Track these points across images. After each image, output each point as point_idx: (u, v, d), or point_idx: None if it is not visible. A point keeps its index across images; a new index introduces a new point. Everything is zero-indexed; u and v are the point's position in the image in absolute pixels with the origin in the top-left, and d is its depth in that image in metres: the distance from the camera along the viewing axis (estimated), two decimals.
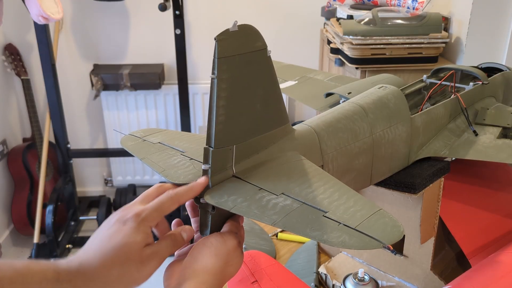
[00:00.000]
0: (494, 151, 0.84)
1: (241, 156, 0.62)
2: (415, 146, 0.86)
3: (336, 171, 0.72)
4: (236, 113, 0.60)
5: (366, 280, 0.87)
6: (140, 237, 0.56)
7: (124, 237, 0.56)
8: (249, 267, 0.90)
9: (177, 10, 2.35)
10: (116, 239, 0.56)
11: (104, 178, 3.01)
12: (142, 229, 0.57)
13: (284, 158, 0.65)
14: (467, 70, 1.06)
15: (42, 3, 1.83)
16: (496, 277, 0.75)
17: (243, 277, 0.87)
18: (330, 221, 0.53)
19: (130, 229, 0.56)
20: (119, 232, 0.56)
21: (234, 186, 0.61)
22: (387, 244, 0.49)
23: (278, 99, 0.65)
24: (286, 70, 1.29)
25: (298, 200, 0.57)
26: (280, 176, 0.62)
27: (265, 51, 0.61)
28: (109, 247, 0.56)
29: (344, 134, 0.73)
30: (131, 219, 0.57)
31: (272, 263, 0.95)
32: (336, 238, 0.51)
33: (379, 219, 0.53)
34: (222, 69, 0.57)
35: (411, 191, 0.81)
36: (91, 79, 2.59)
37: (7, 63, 2.61)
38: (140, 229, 0.57)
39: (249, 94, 0.61)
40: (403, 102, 0.83)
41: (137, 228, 0.56)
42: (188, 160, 0.68)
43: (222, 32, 0.56)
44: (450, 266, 0.98)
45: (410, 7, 1.90)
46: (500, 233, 0.93)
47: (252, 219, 0.59)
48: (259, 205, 0.57)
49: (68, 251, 2.61)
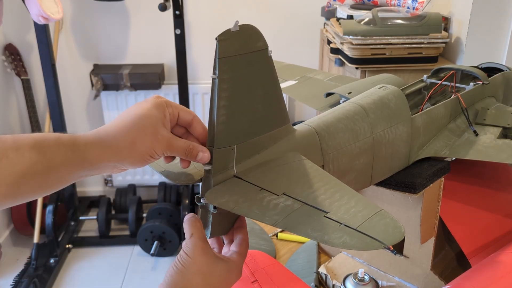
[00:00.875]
0: (495, 151, 0.84)
1: (242, 156, 0.62)
2: (415, 146, 0.86)
3: (337, 171, 0.72)
4: (237, 113, 0.60)
5: (366, 280, 0.87)
6: (158, 112, 0.59)
7: (143, 110, 0.58)
8: (249, 266, 0.90)
9: (177, 10, 2.35)
10: (135, 111, 0.59)
11: (104, 178, 3.01)
12: (161, 108, 0.59)
13: (285, 159, 0.65)
14: (467, 70, 1.06)
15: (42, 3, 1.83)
16: (496, 277, 0.75)
17: (243, 276, 0.87)
18: (331, 222, 0.53)
19: (149, 104, 0.59)
20: (138, 106, 0.59)
21: (235, 186, 0.61)
22: (388, 245, 0.50)
23: (279, 99, 0.65)
24: (286, 70, 1.29)
25: (299, 200, 0.57)
26: (281, 176, 0.62)
27: (266, 51, 0.61)
28: (127, 117, 0.58)
29: (344, 134, 0.73)
30: (151, 98, 0.61)
31: (272, 263, 0.95)
32: (337, 239, 0.51)
33: (380, 220, 0.53)
34: (223, 69, 0.57)
35: (412, 191, 0.81)
36: (91, 79, 2.59)
37: (7, 63, 2.61)
38: (159, 107, 0.59)
39: (250, 94, 0.61)
40: (403, 102, 0.83)
41: (156, 105, 0.59)
42: None
43: (223, 32, 0.56)
44: (450, 266, 0.98)
45: (410, 7, 1.90)
46: (500, 233, 0.93)
47: (253, 219, 0.59)
48: (260, 206, 0.57)
49: (68, 251, 2.61)
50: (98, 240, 2.67)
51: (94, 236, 2.73)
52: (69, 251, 2.62)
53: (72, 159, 0.55)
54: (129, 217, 2.67)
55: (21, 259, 2.56)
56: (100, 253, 2.61)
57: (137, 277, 2.44)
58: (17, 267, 2.46)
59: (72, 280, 2.43)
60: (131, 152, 0.57)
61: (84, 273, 2.48)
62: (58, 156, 0.54)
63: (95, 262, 2.55)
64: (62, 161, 0.54)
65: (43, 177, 0.53)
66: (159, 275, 2.44)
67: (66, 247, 2.60)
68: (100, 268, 2.51)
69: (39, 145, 0.53)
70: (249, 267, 0.90)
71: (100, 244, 2.66)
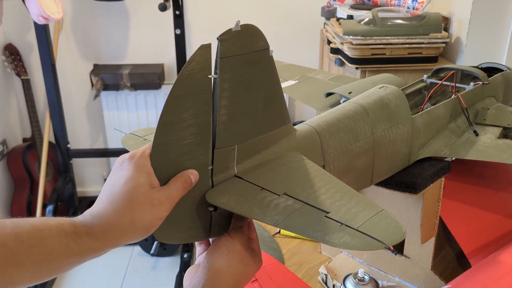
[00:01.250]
0: (495, 151, 0.84)
1: (242, 156, 0.62)
2: (415, 146, 0.86)
3: (337, 171, 0.72)
4: (238, 113, 0.60)
5: (366, 280, 0.87)
6: (143, 178, 0.55)
7: (127, 182, 0.55)
8: None
9: (177, 10, 2.34)
10: (119, 185, 0.55)
11: (104, 178, 3.01)
12: (141, 169, 0.56)
13: (286, 158, 0.65)
14: (468, 70, 1.06)
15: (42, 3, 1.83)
16: (496, 277, 0.75)
17: None
18: (332, 222, 0.54)
19: (130, 172, 0.55)
20: (121, 178, 0.55)
21: (236, 186, 0.61)
22: (389, 245, 0.50)
23: (280, 99, 0.65)
24: (286, 70, 1.29)
25: (300, 200, 0.57)
26: (281, 176, 0.62)
27: (267, 51, 0.61)
28: (115, 194, 0.55)
29: (345, 134, 0.73)
30: (127, 161, 0.56)
31: (272, 262, 0.95)
32: (338, 239, 0.51)
33: (381, 220, 0.53)
34: (225, 69, 0.57)
35: (412, 191, 0.81)
36: (91, 79, 2.59)
37: (7, 63, 2.61)
38: (140, 169, 0.55)
39: (251, 94, 0.61)
40: (404, 102, 0.83)
41: (136, 169, 0.55)
42: None
43: (225, 32, 0.56)
44: (450, 266, 0.98)
45: (410, 7, 1.90)
46: (500, 233, 0.93)
47: (254, 219, 0.59)
48: (261, 205, 0.57)
49: None
50: None
51: None
52: None
53: (75, 250, 0.52)
54: None
55: None
56: None
57: (137, 277, 2.44)
58: None
59: (72, 280, 2.43)
60: (134, 232, 0.55)
61: (84, 273, 2.48)
62: (60, 248, 0.51)
63: (95, 262, 2.53)
64: (64, 252, 0.52)
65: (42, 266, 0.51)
66: (159, 275, 2.44)
67: None
68: (100, 268, 2.51)
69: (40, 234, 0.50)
70: None
71: None
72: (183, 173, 0.58)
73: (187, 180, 0.58)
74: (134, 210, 0.54)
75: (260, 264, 0.65)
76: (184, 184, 0.58)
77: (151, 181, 0.56)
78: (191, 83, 0.55)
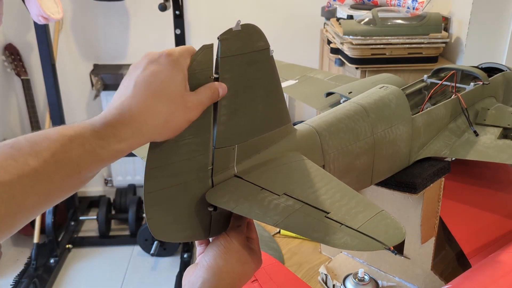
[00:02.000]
0: (495, 152, 0.84)
1: (243, 156, 0.62)
2: (416, 146, 0.86)
3: (337, 171, 0.72)
4: (238, 112, 0.60)
5: (366, 280, 0.87)
6: (180, 77, 0.53)
7: (165, 79, 0.52)
8: None
9: (177, 10, 2.35)
10: (157, 81, 0.52)
11: (104, 178, 3.01)
12: (179, 69, 0.53)
13: (286, 158, 0.65)
14: (468, 70, 1.06)
15: (42, 3, 1.83)
16: (496, 277, 0.75)
17: None
18: (332, 222, 0.53)
19: (168, 70, 0.53)
20: (158, 73, 0.53)
21: (236, 186, 0.61)
22: (389, 246, 0.50)
23: (280, 99, 0.65)
24: (286, 69, 1.29)
25: (300, 200, 0.57)
26: (281, 176, 0.62)
27: (267, 50, 0.61)
28: (151, 90, 0.52)
29: (345, 134, 0.73)
30: (164, 57, 0.54)
31: (272, 262, 0.95)
32: (338, 240, 0.51)
33: (381, 221, 0.53)
34: (225, 68, 0.57)
35: (412, 191, 0.81)
36: (91, 79, 2.59)
37: (7, 63, 2.61)
38: (178, 69, 0.53)
39: (251, 93, 0.61)
40: (404, 102, 0.83)
41: (175, 68, 0.53)
42: None
43: (225, 31, 0.56)
44: (450, 266, 0.98)
45: (410, 7, 1.90)
46: (500, 233, 0.93)
47: (254, 219, 0.59)
48: (261, 206, 0.57)
49: (68, 251, 2.61)
50: (98, 240, 2.67)
51: (94, 236, 2.72)
52: (69, 251, 2.62)
53: (103, 155, 0.49)
54: (129, 217, 2.67)
55: (21, 259, 2.56)
56: (100, 253, 2.61)
57: (137, 277, 2.44)
58: (17, 267, 2.46)
59: (72, 280, 2.43)
60: (164, 131, 0.53)
61: (84, 273, 2.48)
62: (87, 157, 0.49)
63: (95, 262, 2.55)
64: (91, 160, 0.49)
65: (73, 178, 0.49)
66: (159, 275, 2.44)
67: (66, 247, 2.60)
68: (100, 268, 2.51)
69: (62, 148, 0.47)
70: None
71: (100, 244, 2.66)
72: (212, 84, 0.57)
73: (215, 92, 0.56)
74: (170, 108, 0.52)
75: (259, 263, 0.65)
76: (213, 94, 0.56)
77: (186, 83, 0.54)
78: (191, 83, 0.55)
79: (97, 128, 0.50)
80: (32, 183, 0.46)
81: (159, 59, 0.54)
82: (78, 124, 0.50)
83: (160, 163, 0.56)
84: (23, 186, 0.45)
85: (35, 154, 0.46)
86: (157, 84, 0.53)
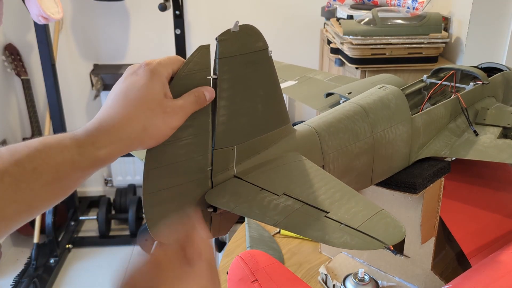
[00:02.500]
0: (495, 151, 0.84)
1: (242, 156, 0.62)
2: (415, 146, 0.86)
3: (337, 172, 0.72)
4: (238, 113, 0.60)
5: (366, 280, 0.87)
6: (158, 86, 0.54)
7: (142, 87, 0.54)
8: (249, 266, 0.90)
9: (177, 10, 2.35)
10: (134, 90, 0.54)
11: (104, 178, 3.01)
12: (157, 77, 0.55)
13: (285, 159, 0.65)
14: (467, 70, 1.06)
15: (42, 3, 1.83)
16: (496, 277, 0.75)
17: (243, 276, 0.87)
18: (332, 222, 0.53)
19: (145, 79, 0.54)
20: (135, 83, 0.54)
21: (236, 186, 0.61)
22: (389, 245, 0.50)
23: (279, 99, 0.65)
24: (286, 70, 1.29)
25: (299, 200, 0.57)
26: (281, 176, 0.62)
27: (266, 51, 0.61)
28: (128, 99, 0.54)
29: (345, 134, 0.73)
30: (142, 68, 0.55)
31: (272, 262, 0.95)
32: (338, 239, 0.51)
33: (381, 220, 0.53)
34: (223, 69, 0.57)
35: (412, 191, 0.81)
36: (91, 79, 2.59)
37: (7, 63, 2.61)
38: (155, 78, 0.55)
39: (250, 94, 0.61)
40: (403, 102, 0.83)
41: (152, 77, 0.55)
42: None
43: (224, 32, 0.56)
44: (450, 266, 0.98)
45: (410, 7, 1.90)
46: (500, 233, 0.93)
47: (253, 219, 0.59)
48: (260, 206, 0.57)
49: (68, 251, 2.61)
50: (98, 240, 2.68)
51: (94, 236, 2.73)
52: (69, 251, 2.62)
53: (82, 163, 0.50)
54: (129, 217, 2.67)
55: (21, 259, 2.56)
56: (100, 253, 2.61)
57: None
58: (17, 267, 2.46)
59: (72, 280, 2.43)
60: (144, 139, 0.54)
61: (84, 273, 2.48)
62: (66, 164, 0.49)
63: (95, 262, 2.55)
64: (70, 167, 0.50)
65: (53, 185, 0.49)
66: None
67: (66, 247, 2.60)
68: (100, 268, 2.51)
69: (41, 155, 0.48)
70: (249, 267, 0.90)
71: (100, 244, 2.66)
72: (198, 88, 0.57)
73: (200, 96, 0.56)
74: (147, 115, 0.53)
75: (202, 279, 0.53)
76: (197, 98, 0.56)
77: (165, 90, 0.55)
78: (189, 84, 0.55)
79: (77, 136, 0.51)
80: (11, 191, 0.46)
81: (138, 70, 0.56)
82: (61, 134, 0.52)
83: (159, 164, 0.57)
84: (2, 194, 0.45)
85: (15, 162, 0.47)
86: (134, 92, 0.54)
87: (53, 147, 0.49)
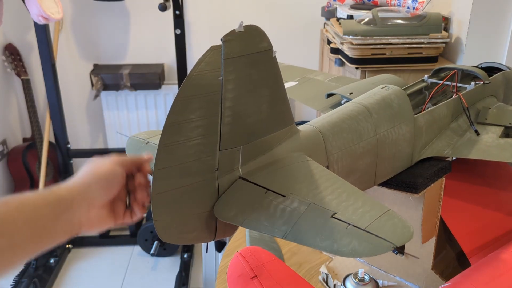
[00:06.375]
0: (497, 150, 0.85)
1: (247, 157, 0.62)
2: (418, 146, 0.86)
3: (341, 172, 0.73)
4: (242, 114, 0.60)
5: (366, 280, 0.87)
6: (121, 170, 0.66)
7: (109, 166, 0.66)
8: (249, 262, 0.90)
9: (177, 10, 2.35)
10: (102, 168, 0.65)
11: None
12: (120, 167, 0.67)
13: (290, 159, 0.65)
14: (468, 70, 1.07)
15: (42, 3, 1.83)
16: (495, 275, 0.75)
17: (242, 272, 0.87)
18: (339, 223, 0.53)
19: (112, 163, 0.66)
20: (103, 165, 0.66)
21: (241, 193, 0.61)
22: (398, 245, 0.49)
23: (283, 99, 0.65)
24: (286, 71, 1.29)
25: (306, 201, 0.57)
26: (286, 177, 0.62)
27: (270, 51, 0.61)
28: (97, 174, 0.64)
29: (348, 134, 0.74)
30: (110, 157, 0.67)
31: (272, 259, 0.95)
32: (346, 246, 0.51)
33: (389, 220, 0.53)
34: (228, 70, 0.57)
35: (413, 191, 0.81)
36: (91, 79, 2.58)
37: (7, 63, 2.60)
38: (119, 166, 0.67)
39: (255, 95, 0.61)
40: (406, 102, 0.84)
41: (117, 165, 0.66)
42: None
43: (229, 32, 0.56)
44: (451, 266, 0.98)
45: (410, 7, 1.90)
46: (501, 232, 0.93)
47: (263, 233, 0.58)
48: (267, 214, 0.57)
49: (68, 251, 2.61)
50: (98, 240, 2.67)
51: (94, 236, 2.72)
52: (69, 251, 2.62)
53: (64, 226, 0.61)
54: None
55: None
56: (100, 253, 2.61)
57: (137, 277, 2.44)
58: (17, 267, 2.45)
59: (72, 280, 2.43)
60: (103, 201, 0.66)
61: (84, 273, 2.48)
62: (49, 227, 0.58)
63: (95, 262, 2.55)
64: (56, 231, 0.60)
65: (33, 245, 0.58)
66: (159, 275, 2.44)
67: (66, 247, 2.60)
68: (100, 268, 2.51)
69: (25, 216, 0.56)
70: (248, 263, 0.90)
71: (100, 244, 2.66)
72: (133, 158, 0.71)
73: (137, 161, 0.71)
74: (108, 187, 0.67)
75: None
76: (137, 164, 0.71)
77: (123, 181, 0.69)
78: (200, 84, 0.55)
79: (59, 196, 0.61)
80: None
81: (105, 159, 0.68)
82: (47, 194, 0.60)
83: (169, 164, 0.56)
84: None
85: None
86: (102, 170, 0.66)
87: (38, 205, 0.58)
